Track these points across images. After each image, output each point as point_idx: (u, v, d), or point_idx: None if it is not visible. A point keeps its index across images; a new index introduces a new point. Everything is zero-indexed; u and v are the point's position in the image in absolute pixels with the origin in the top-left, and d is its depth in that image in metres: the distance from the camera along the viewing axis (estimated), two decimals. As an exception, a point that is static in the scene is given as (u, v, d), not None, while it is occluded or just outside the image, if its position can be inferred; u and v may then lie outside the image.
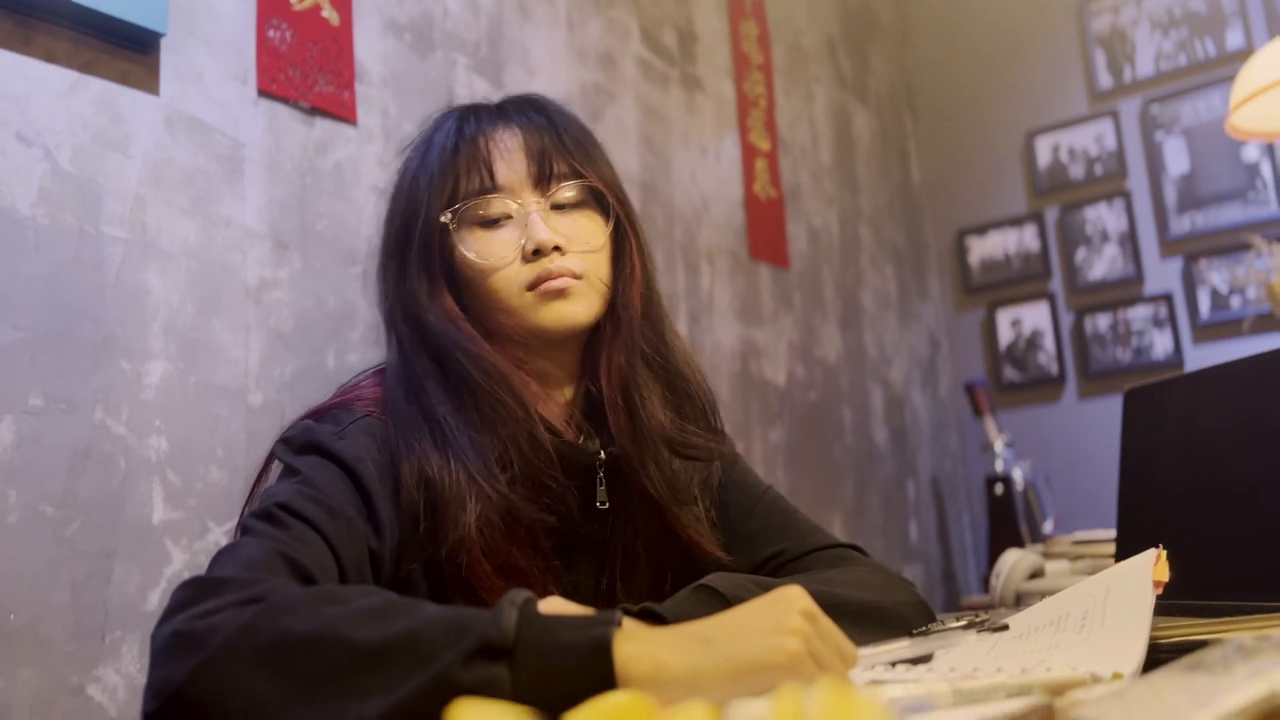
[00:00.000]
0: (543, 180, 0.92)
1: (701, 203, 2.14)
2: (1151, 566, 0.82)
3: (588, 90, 1.90)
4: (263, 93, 1.33)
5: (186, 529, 1.17)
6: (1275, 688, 0.48)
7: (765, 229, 2.32)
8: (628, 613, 0.75)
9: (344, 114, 1.44)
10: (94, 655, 1.07)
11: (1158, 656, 0.76)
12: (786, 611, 0.63)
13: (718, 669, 0.61)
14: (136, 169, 1.18)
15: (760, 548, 0.98)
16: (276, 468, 0.90)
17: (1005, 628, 0.64)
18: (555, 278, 0.89)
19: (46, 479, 1.06)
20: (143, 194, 1.19)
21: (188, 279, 1.22)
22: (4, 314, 1.05)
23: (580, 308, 0.90)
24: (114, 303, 1.14)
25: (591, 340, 0.95)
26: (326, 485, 0.80)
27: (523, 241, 0.89)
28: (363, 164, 1.46)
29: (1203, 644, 0.79)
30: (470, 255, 0.90)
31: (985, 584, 1.95)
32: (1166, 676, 0.54)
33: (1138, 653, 0.71)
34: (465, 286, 0.92)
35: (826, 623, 0.65)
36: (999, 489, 2.57)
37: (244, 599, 0.66)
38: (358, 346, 1.40)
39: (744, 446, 2.11)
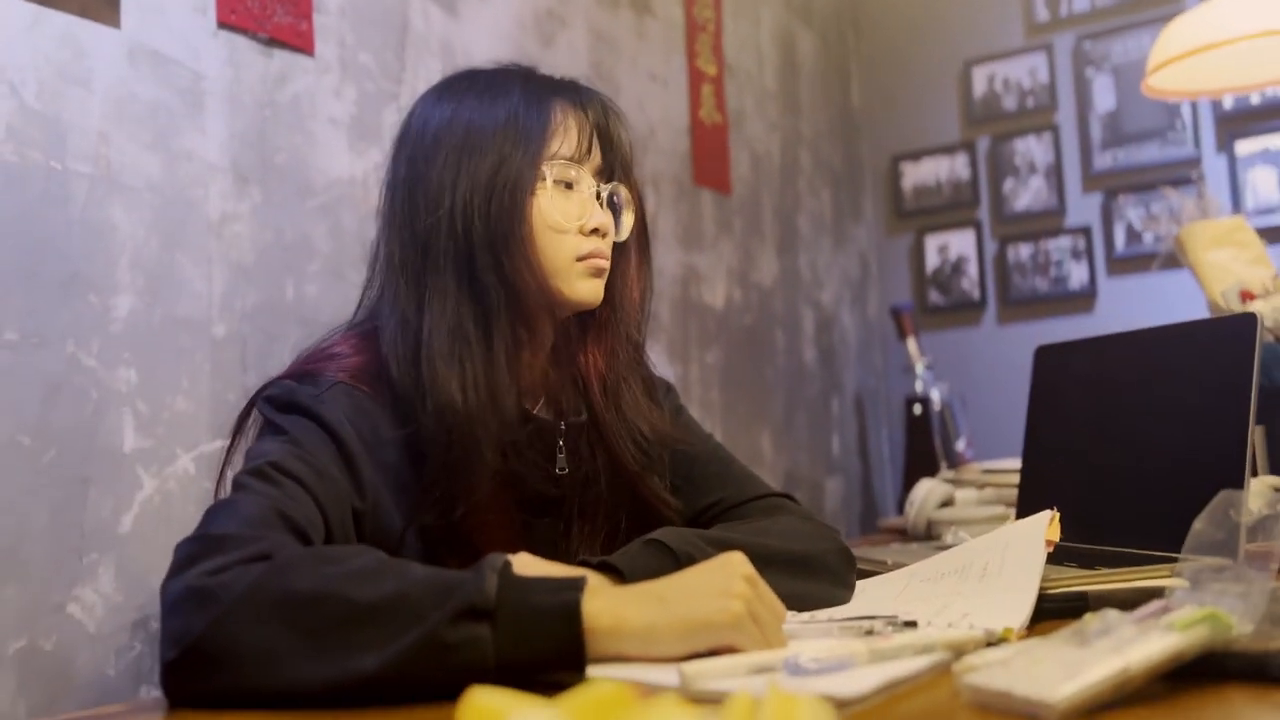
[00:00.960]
0: (605, 172, 1.01)
1: (648, 129, 2.18)
2: (1045, 527, 0.93)
3: (540, 17, 1.91)
4: (222, 24, 1.34)
5: (156, 456, 1.23)
6: (1128, 663, 0.59)
7: (709, 155, 2.37)
8: (586, 564, 0.84)
9: (302, 45, 1.45)
10: (73, 576, 1.14)
11: (1044, 606, 0.88)
12: (731, 577, 0.73)
13: (670, 626, 0.71)
14: (99, 104, 1.20)
15: (701, 495, 1.08)
16: (255, 419, 0.96)
17: (913, 624, 0.75)
18: (603, 258, 0.98)
19: (22, 410, 1.11)
20: (106, 130, 1.20)
21: (152, 213, 1.25)
22: (-24, 251, 1.08)
23: (604, 291, 1.00)
24: (81, 238, 1.17)
25: (577, 324, 1.04)
26: (312, 446, 0.87)
27: (583, 218, 0.97)
28: (320, 95, 1.47)
29: (1084, 595, 0.92)
30: (550, 209, 0.96)
31: (900, 505, 2.09)
32: (1046, 646, 0.65)
33: (1026, 610, 0.83)
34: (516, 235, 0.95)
35: (763, 585, 0.76)
36: (917, 409, 2.72)
37: (249, 556, 0.73)
38: (315, 278, 1.45)
39: (682, 369, 2.20)
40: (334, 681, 0.67)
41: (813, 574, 0.95)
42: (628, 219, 1.04)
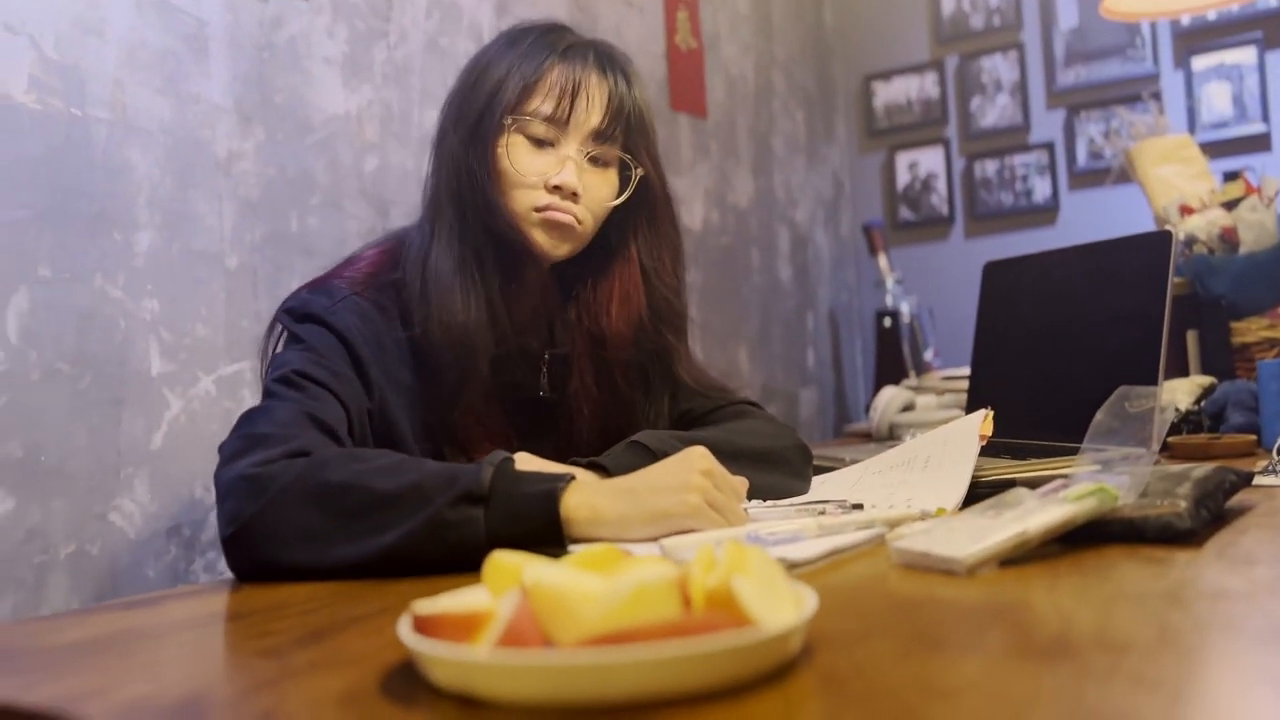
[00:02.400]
0: (596, 136, 1.06)
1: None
2: (980, 424, 1.06)
3: (519, -51, 1.97)
4: (220, -30, 1.41)
5: (180, 379, 1.34)
6: (1026, 528, 0.72)
7: (685, 80, 2.45)
8: (577, 463, 0.97)
9: (295, -13, 1.52)
10: (112, 488, 1.26)
11: (978, 492, 1.01)
12: (689, 471, 0.86)
13: (639, 516, 0.84)
14: (113, 52, 1.28)
15: (677, 403, 1.21)
16: (279, 330, 1.08)
17: (859, 506, 0.88)
18: (562, 213, 1.05)
19: (59, 340, 1.21)
20: (120, 76, 1.29)
21: (165, 154, 1.34)
22: (10, 194, 1.17)
23: (566, 247, 1.08)
24: (103, 180, 1.27)
25: (584, 276, 1.14)
26: (328, 352, 0.99)
27: (550, 175, 1.05)
28: (314, 36, 1.55)
29: (1011, 482, 1.05)
30: (507, 161, 1.05)
31: (869, 411, 2.22)
32: (966, 517, 0.78)
33: (959, 492, 0.96)
34: (488, 180, 1.06)
35: (721, 472, 0.88)
36: (888, 322, 2.84)
37: (290, 451, 0.85)
38: (316, 210, 1.54)
39: (661, 288, 2.32)
40: (359, 556, 0.81)
41: (774, 467, 1.08)
42: (607, 182, 1.09)
